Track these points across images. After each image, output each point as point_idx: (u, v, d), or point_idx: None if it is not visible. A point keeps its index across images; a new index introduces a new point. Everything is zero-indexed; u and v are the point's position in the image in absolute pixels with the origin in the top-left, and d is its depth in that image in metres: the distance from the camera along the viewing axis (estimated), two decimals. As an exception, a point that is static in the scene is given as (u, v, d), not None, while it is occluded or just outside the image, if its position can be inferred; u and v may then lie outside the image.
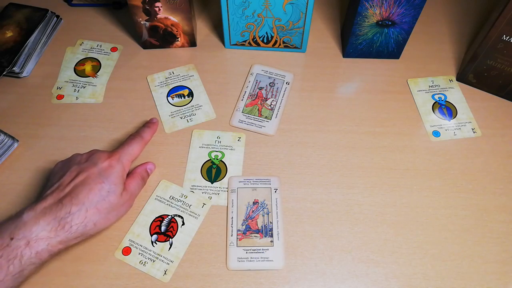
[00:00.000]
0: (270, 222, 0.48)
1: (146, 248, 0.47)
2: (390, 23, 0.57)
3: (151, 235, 0.47)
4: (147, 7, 0.58)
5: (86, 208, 0.41)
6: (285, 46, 0.63)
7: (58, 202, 0.40)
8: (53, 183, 0.43)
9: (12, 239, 0.37)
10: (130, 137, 0.50)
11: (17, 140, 0.54)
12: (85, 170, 0.43)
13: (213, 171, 0.52)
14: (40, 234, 0.38)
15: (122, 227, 0.48)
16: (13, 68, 0.59)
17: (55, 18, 0.66)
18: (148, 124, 0.53)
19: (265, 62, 0.63)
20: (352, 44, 0.61)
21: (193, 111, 0.58)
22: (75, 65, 0.62)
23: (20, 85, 0.60)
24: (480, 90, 0.60)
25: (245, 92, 0.60)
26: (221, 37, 0.66)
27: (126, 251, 0.46)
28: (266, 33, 0.61)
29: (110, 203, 0.43)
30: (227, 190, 0.51)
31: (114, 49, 0.64)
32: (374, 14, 0.56)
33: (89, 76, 0.61)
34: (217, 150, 0.54)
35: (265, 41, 0.63)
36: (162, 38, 0.63)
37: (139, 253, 0.46)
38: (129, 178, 0.47)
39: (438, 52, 0.65)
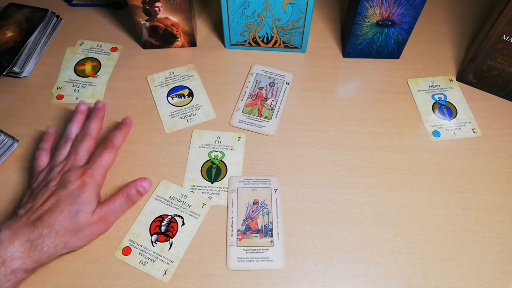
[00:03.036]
0: (270, 222, 0.48)
1: (146, 248, 0.47)
2: (390, 23, 0.57)
3: (151, 235, 0.47)
4: (147, 7, 0.58)
5: (56, 230, 0.42)
6: (285, 46, 0.63)
7: (31, 224, 0.41)
8: (27, 201, 0.44)
9: None
10: (101, 145, 0.49)
11: (17, 140, 0.54)
12: (56, 194, 0.43)
13: (213, 171, 0.52)
14: (14, 254, 0.40)
15: (122, 227, 0.48)
16: (13, 68, 0.59)
17: (55, 18, 0.66)
18: (120, 126, 0.52)
19: (265, 62, 0.63)
20: (352, 44, 0.61)
21: (193, 111, 0.58)
22: (75, 65, 0.62)
23: (20, 85, 0.60)
24: (480, 90, 0.60)
25: (245, 92, 0.60)
26: (221, 37, 0.66)
27: (126, 251, 0.46)
28: (266, 33, 0.61)
29: (79, 222, 0.43)
30: (227, 190, 0.51)
31: (114, 49, 0.64)
32: (374, 14, 0.56)
33: (89, 76, 0.61)
34: (217, 150, 0.54)
35: (265, 41, 0.63)
36: (162, 38, 0.63)
37: (139, 253, 0.46)
38: (112, 196, 0.47)
39: (438, 52, 0.65)
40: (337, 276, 0.45)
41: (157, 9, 0.58)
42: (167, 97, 0.59)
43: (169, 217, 0.49)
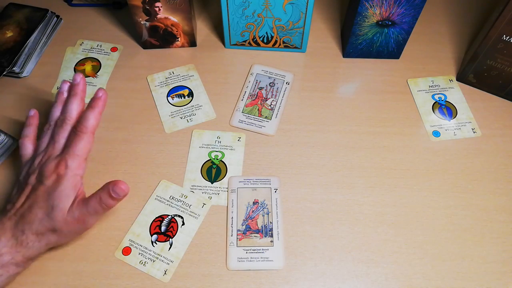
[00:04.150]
0: (270, 222, 0.48)
1: (146, 248, 0.47)
2: (390, 23, 0.57)
3: (151, 235, 0.47)
4: (147, 7, 0.58)
5: (36, 228, 0.41)
6: (285, 46, 0.63)
7: (15, 222, 0.42)
8: (14, 195, 0.45)
9: None
10: (72, 132, 0.45)
11: (17, 140, 0.54)
12: (35, 190, 0.43)
13: (213, 171, 0.52)
14: (2, 250, 0.40)
15: (122, 227, 0.48)
16: (13, 68, 0.59)
17: (55, 18, 0.66)
18: (92, 103, 0.46)
19: (265, 62, 0.63)
20: (352, 44, 0.61)
21: (193, 111, 0.58)
22: (75, 65, 0.62)
23: (20, 85, 0.60)
24: (480, 90, 0.60)
25: (245, 92, 0.60)
26: (221, 37, 0.66)
27: (126, 251, 0.46)
28: (266, 33, 0.61)
29: (55, 220, 0.41)
30: (227, 190, 0.51)
31: (114, 49, 0.64)
32: (374, 14, 0.56)
33: (89, 76, 0.61)
34: (217, 150, 0.54)
35: (265, 41, 0.63)
36: (162, 38, 0.63)
37: (139, 253, 0.46)
38: (93, 194, 0.43)
39: (438, 52, 0.65)
40: (337, 276, 0.45)
41: (157, 9, 0.58)
42: (167, 97, 0.59)
43: (169, 217, 0.49)
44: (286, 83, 0.61)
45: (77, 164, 0.44)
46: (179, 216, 0.49)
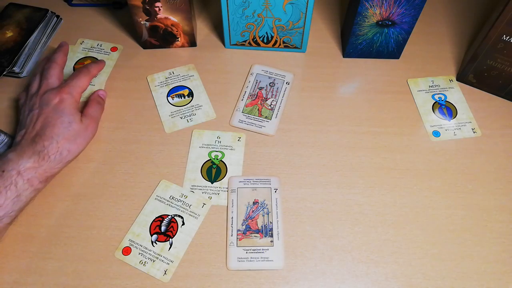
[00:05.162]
0: (270, 222, 0.48)
1: (146, 248, 0.47)
2: (390, 23, 0.57)
3: (151, 235, 0.47)
4: (147, 7, 0.58)
5: (56, 140, 0.47)
6: (285, 46, 0.63)
7: (31, 141, 0.47)
8: (20, 130, 0.49)
9: (3, 171, 0.44)
10: (77, 70, 0.54)
11: (17, 140, 0.54)
12: (42, 113, 0.49)
13: (213, 171, 0.52)
14: (26, 165, 0.45)
15: (122, 227, 0.48)
16: (13, 68, 0.59)
17: (55, 18, 0.66)
18: (97, 62, 0.58)
19: (265, 62, 0.63)
20: (352, 44, 0.61)
21: (193, 111, 0.58)
22: (75, 64, 0.62)
23: (20, 85, 0.60)
24: (480, 90, 0.60)
25: (245, 92, 0.60)
26: (221, 37, 0.66)
27: (126, 251, 0.46)
28: (266, 33, 0.61)
29: (74, 130, 0.49)
30: (227, 190, 0.51)
31: (114, 49, 0.64)
32: (374, 14, 0.56)
33: (89, 76, 0.61)
34: (217, 150, 0.54)
35: (265, 41, 0.63)
36: (162, 38, 0.63)
37: (139, 253, 0.46)
38: (86, 106, 0.53)
39: (438, 52, 0.65)
40: (337, 276, 0.45)
41: (157, 9, 0.58)
42: (167, 97, 0.59)
43: (169, 217, 0.49)
44: (286, 83, 0.61)
45: (77, 92, 0.52)
46: (179, 216, 0.49)
